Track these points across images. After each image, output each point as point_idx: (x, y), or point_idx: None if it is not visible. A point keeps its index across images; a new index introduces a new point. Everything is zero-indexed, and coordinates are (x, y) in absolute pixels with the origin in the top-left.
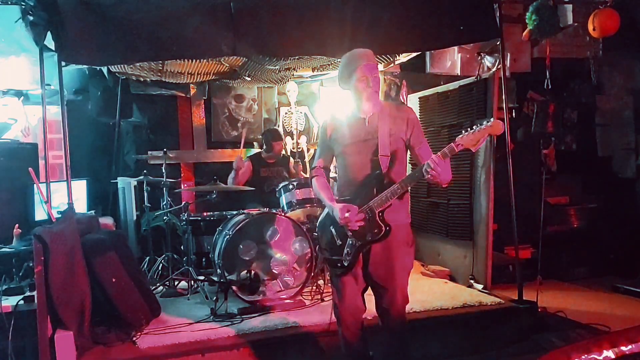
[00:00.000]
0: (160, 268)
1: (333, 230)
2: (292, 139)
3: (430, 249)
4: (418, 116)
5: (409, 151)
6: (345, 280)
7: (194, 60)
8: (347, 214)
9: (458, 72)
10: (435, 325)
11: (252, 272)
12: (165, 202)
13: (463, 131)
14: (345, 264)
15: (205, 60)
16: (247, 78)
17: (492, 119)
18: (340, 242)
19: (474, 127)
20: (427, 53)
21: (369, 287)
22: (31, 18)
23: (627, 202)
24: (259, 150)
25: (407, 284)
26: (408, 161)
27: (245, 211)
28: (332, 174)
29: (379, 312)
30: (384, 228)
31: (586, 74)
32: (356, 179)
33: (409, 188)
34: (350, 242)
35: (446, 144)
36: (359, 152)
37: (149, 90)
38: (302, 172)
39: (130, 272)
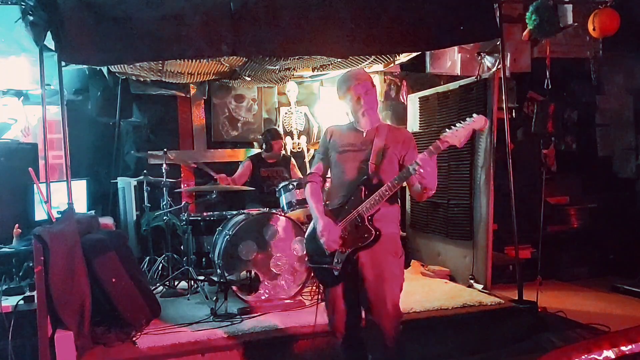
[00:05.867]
0: (160, 268)
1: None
2: (292, 139)
3: (430, 249)
4: (418, 116)
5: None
6: (336, 291)
7: (194, 60)
8: (325, 233)
9: (458, 72)
10: (435, 325)
11: (252, 272)
12: (165, 202)
13: (447, 129)
14: (336, 273)
15: (205, 60)
16: (247, 78)
17: (475, 115)
18: (330, 252)
19: (457, 124)
20: (427, 53)
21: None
22: (31, 18)
23: (627, 202)
24: (259, 150)
25: (399, 296)
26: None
27: (245, 211)
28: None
29: (370, 324)
30: (373, 232)
31: (586, 74)
32: (346, 186)
33: (398, 192)
34: (340, 250)
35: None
36: (351, 160)
37: (149, 90)
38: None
39: (130, 272)
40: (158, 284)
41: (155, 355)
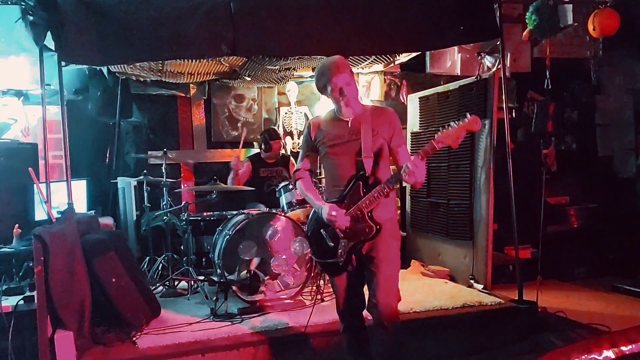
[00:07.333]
0: (160, 268)
1: (323, 232)
2: (292, 139)
3: (430, 249)
4: (418, 116)
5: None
6: (342, 280)
7: (194, 60)
8: (333, 213)
9: (458, 72)
10: (435, 325)
11: (252, 272)
12: (165, 202)
13: (441, 129)
14: (340, 264)
15: (205, 60)
16: (247, 78)
17: (469, 115)
18: (333, 244)
19: (452, 124)
20: (427, 53)
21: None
22: (31, 18)
23: (627, 202)
24: (259, 150)
25: (398, 279)
26: None
27: (245, 211)
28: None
29: (370, 308)
30: (374, 227)
31: (586, 74)
32: (342, 180)
33: (396, 187)
34: (343, 242)
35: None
36: (343, 153)
37: (149, 90)
38: None
39: (130, 272)
40: (158, 284)
41: (155, 355)
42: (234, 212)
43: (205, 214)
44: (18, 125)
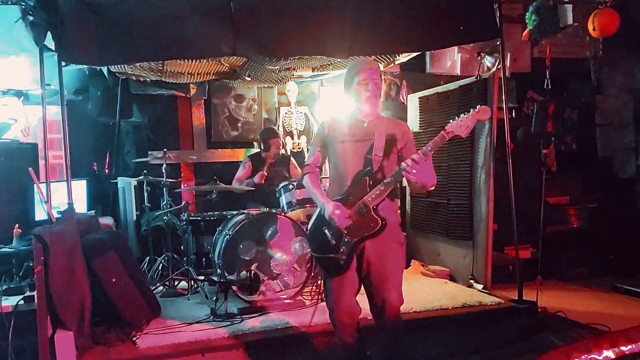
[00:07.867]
0: (160, 268)
1: (327, 230)
2: (292, 139)
3: (430, 249)
4: (418, 116)
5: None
6: (340, 282)
7: (194, 60)
8: (337, 211)
9: (458, 72)
10: (435, 325)
11: (252, 272)
12: (165, 202)
13: (451, 120)
14: (342, 263)
15: (205, 60)
16: (247, 78)
17: (478, 106)
18: (335, 242)
19: (461, 115)
20: (427, 53)
21: (362, 288)
22: (31, 18)
23: (627, 202)
24: (259, 150)
25: (401, 283)
26: None
27: (245, 211)
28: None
29: (373, 312)
30: (380, 222)
31: (586, 74)
32: (349, 177)
33: (398, 191)
34: (346, 239)
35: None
36: (354, 151)
37: (149, 90)
38: None
39: (130, 272)
40: (158, 284)
41: (155, 355)
42: (234, 212)
43: (205, 214)
44: (18, 125)
